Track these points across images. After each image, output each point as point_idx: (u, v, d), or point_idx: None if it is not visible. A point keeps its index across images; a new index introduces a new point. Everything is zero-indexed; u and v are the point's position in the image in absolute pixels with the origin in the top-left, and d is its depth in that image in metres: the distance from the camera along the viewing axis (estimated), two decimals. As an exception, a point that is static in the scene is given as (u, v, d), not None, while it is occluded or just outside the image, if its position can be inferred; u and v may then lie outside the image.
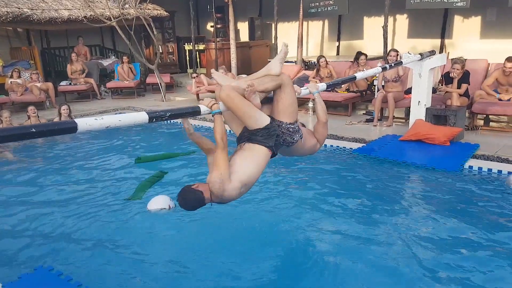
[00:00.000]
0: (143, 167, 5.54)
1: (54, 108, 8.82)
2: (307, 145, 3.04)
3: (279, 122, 2.79)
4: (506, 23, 8.69)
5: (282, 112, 2.80)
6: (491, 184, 4.72)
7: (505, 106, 6.08)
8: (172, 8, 12.75)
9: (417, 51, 7.45)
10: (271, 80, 2.79)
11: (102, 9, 10.72)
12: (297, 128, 2.86)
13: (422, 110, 5.96)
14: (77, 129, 2.01)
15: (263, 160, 2.65)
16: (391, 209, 4.23)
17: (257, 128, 2.64)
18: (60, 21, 10.15)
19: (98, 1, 11.29)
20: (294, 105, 2.85)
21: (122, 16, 9.94)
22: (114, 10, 10.46)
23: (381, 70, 4.98)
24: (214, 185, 2.48)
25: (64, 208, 4.41)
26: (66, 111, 7.37)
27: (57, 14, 10.19)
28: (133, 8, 10.24)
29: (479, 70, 6.83)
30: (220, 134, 2.51)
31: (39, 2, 10.27)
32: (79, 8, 10.66)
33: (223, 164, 2.49)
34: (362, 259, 3.33)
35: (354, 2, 9.36)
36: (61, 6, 10.52)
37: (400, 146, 5.64)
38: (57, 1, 10.70)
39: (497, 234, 3.66)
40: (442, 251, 3.43)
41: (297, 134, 2.86)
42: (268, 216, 4.12)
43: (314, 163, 5.51)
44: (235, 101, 2.60)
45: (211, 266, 3.30)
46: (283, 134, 2.81)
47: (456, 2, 7.54)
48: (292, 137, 2.84)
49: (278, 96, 2.81)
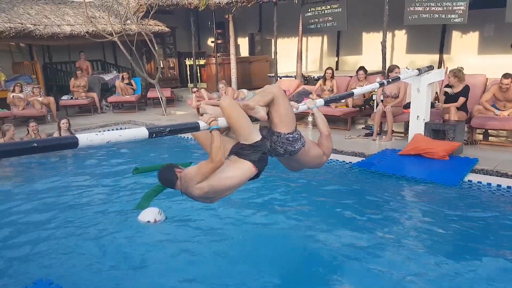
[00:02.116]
0: (142, 177, 5.55)
1: (55, 122, 8.85)
2: (311, 153, 3.07)
3: (277, 133, 2.86)
4: (504, 39, 8.79)
5: (279, 123, 2.87)
6: (490, 198, 4.73)
7: (504, 121, 6.13)
8: (173, 24, 12.93)
9: (415, 66, 7.53)
10: (262, 97, 2.87)
11: (104, 24, 10.88)
12: (297, 137, 2.90)
13: (421, 124, 6.00)
14: (78, 144, 2.03)
15: (242, 173, 2.68)
16: (391, 222, 4.24)
17: (247, 144, 2.70)
18: (62, 37, 10.29)
19: (100, 17, 11.47)
20: (290, 115, 2.91)
21: (123, 32, 10.08)
22: (116, 26, 10.61)
23: (378, 85, 5.03)
24: (186, 175, 2.62)
25: (64, 220, 4.42)
26: (65, 125, 7.39)
27: (60, 29, 10.33)
28: (134, 24, 10.40)
29: (477, 85, 6.90)
30: (216, 148, 2.54)
31: (42, 18, 10.44)
32: (81, 24, 10.82)
33: (206, 173, 2.58)
34: (360, 272, 3.34)
35: (353, 18, 9.50)
36: (63, 22, 10.68)
37: (399, 161, 5.67)
38: (60, 17, 10.87)
39: (497, 246, 3.68)
40: (441, 263, 3.44)
41: (299, 142, 2.90)
42: (267, 229, 4.14)
43: (314, 177, 5.53)
44: (236, 110, 2.71)
45: (209, 277, 3.32)
46: (283, 144, 2.87)
47: (453, 18, 7.65)
48: (293, 146, 2.89)
49: (272, 108, 2.88)
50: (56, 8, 11.41)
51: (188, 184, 2.60)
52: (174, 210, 4.51)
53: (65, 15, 11.11)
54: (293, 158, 3.02)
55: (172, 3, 11.15)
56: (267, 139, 2.89)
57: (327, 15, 9.20)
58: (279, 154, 2.95)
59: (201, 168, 2.58)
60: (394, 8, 8.03)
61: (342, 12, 8.94)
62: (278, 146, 2.89)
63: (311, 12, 9.43)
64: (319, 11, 9.31)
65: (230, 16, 10.52)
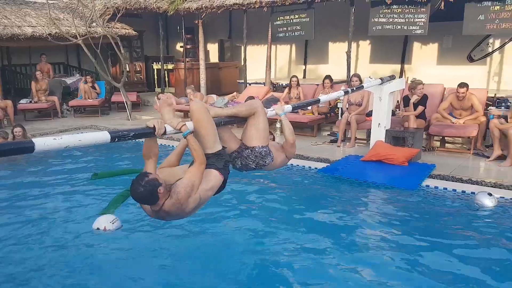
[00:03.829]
0: (103, 183, 5.50)
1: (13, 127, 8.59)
2: (277, 162, 3.22)
3: (251, 148, 2.96)
4: (461, 50, 9.28)
5: (255, 136, 2.97)
6: (446, 202, 4.98)
7: (460, 129, 6.47)
8: (141, 27, 12.82)
9: (378, 75, 7.82)
10: (247, 109, 2.96)
11: (68, 27, 10.66)
12: (268, 151, 3.03)
13: (382, 132, 6.25)
14: (34, 149, 1.96)
15: (215, 183, 2.69)
16: (353, 225, 4.40)
17: (211, 153, 2.70)
18: (23, 38, 9.98)
19: (64, 19, 11.23)
20: (266, 130, 3.05)
21: (88, 35, 9.92)
22: (80, 28, 10.42)
23: (343, 93, 5.22)
24: (181, 190, 2.46)
25: (19, 229, 4.30)
26: (19, 133, 6.85)
27: (20, 30, 10.04)
28: (100, 26, 10.24)
29: (435, 94, 7.25)
30: (198, 150, 2.55)
31: (1, 19, 10.12)
32: (44, 25, 10.55)
33: (199, 176, 2.54)
34: (321, 274, 3.46)
35: (320, 28, 9.76)
36: (24, 23, 10.38)
37: (362, 166, 5.87)
38: (21, 18, 10.56)
39: (451, 244, 3.91)
40: (400, 261, 3.63)
41: (269, 156, 3.03)
42: (232, 234, 4.19)
43: (280, 182, 5.64)
44: (205, 115, 2.67)
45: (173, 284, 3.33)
46: (256, 158, 2.98)
47: (415, 29, 8.03)
48: (264, 160, 3.02)
49: (252, 121, 2.98)
50: (17, 8, 11.09)
51: (190, 195, 2.48)
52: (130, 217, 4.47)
53: (26, 16, 10.80)
54: (262, 170, 3.17)
55: (140, 7, 11.07)
56: (237, 158, 2.99)
57: (295, 24, 9.42)
58: (250, 169, 3.06)
59: (193, 173, 2.52)
60: (359, 19, 8.33)
61: (309, 22, 9.17)
62: (250, 161, 2.99)
63: (280, 21, 9.63)
64: (288, 20, 9.52)
65: (199, 22, 10.57)
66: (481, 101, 6.68)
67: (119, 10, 10.34)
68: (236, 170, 3.13)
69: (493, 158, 5.99)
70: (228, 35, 13.25)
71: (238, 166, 3.06)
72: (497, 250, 3.84)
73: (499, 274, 3.46)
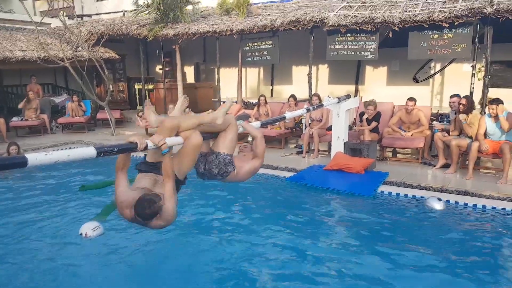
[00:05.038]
0: (91, 194, 5.26)
1: (6, 143, 8.17)
2: (239, 176, 2.99)
3: (217, 153, 2.88)
4: (407, 73, 9.57)
5: (225, 144, 2.90)
6: (399, 205, 5.05)
7: (408, 141, 6.61)
8: (124, 51, 12.58)
9: (335, 95, 7.90)
10: (222, 123, 2.88)
11: (56, 51, 10.32)
12: (231, 161, 2.92)
13: (341, 144, 6.31)
14: (27, 163, 1.91)
15: None
16: (317, 228, 4.39)
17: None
18: (14, 61, 9.59)
19: (52, 44, 10.87)
20: (234, 142, 2.98)
21: (75, 58, 9.67)
22: (67, 52, 10.11)
23: (306, 111, 5.24)
24: (172, 217, 2.45)
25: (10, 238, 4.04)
26: (14, 151, 6.74)
27: (11, 54, 9.64)
28: (86, 51, 10.00)
29: (386, 111, 7.40)
30: (169, 170, 2.49)
31: (-7, 43, 9.68)
32: (33, 49, 10.18)
33: (175, 193, 2.50)
34: (287, 276, 3.39)
35: (284, 53, 9.84)
36: (15, 47, 10.00)
37: (324, 175, 5.89)
38: (12, 43, 10.18)
39: (405, 243, 3.94)
40: (359, 260, 3.62)
41: (231, 166, 2.92)
42: (201, 242, 4.06)
43: (251, 190, 5.57)
44: (197, 152, 2.64)
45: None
46: (219, 164, 2.86)
47: (366, 55, 8.20)
48: (227, 168, 2.90)
49: (224, 132, 2.93)
50: (8, 34, 10.74)
51: (171, 221, 2.46)
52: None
53: (17, 41, 10.41)
54: (225, 179, 2.97)
55: (122, 33, 10.87)
56: (201, 162, 2.89)
57: (262, 50, 9.45)
58: (213, 174, 2.90)
59: (171, 193, 2.46)
60: (318, 45, 8.46)
61: (275, 48, 9.23)
62: (213, 166, 2.87)
63: (249, 47, 9.64)
64: (256, 46, 9.54)
65: (176, 47, 10.44)
66: (426, 117, 6.85)
67: (103, 36, 10.16)
68: (198, 176, 2.98)
69: (439, 166, 6.13)
70: (203, 58, 13.18)
71: (201, 171, 2.92)
72: (446, 247, 3.92)
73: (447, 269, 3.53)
